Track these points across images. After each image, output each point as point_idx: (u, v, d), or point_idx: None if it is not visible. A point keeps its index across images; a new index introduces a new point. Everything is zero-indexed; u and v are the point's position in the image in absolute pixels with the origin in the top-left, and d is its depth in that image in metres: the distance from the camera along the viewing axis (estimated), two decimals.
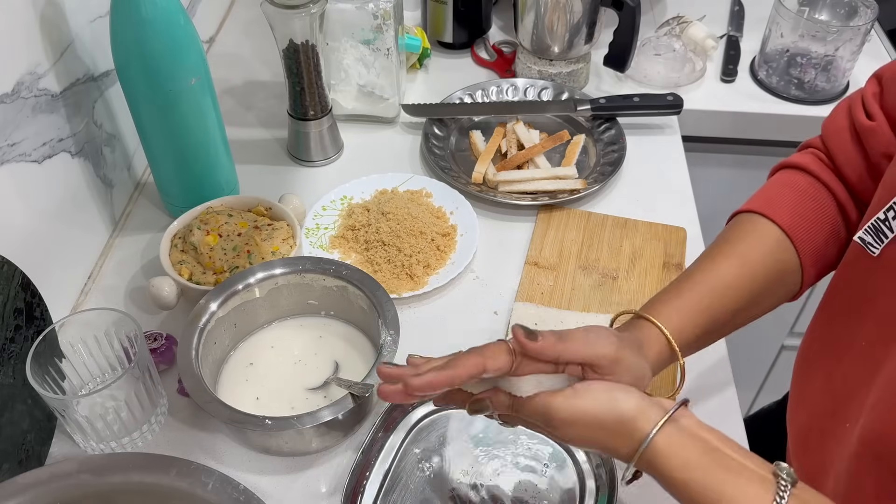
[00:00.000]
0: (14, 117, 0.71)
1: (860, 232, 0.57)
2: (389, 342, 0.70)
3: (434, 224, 0.91)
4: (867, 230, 0.56)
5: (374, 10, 0.97)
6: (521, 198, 0.95)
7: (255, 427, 0.65)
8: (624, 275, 0.88)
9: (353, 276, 0.75)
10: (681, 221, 0.94)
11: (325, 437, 0.71)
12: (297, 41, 0.90)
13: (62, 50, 0.79)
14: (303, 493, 0.69)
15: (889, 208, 0.54)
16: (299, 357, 0.77)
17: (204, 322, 0.72)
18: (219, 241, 0.80)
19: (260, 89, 1.14)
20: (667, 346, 0.61)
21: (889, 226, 0.54)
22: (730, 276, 0.64)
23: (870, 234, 0.56)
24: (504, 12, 1.29)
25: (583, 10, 1.05)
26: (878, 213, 0.55)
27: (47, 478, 0.56)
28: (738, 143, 1.17)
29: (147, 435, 0.72)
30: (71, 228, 0.83)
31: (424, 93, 1.14)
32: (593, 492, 0.68)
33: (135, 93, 0.81)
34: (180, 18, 0.77)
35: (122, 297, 0.85)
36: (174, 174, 0.89)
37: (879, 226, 0.55)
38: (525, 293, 0.85)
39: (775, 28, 1.11)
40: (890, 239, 0.54)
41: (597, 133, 1.05)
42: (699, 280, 0.64)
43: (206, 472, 0.56)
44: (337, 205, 0.95)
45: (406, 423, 0.73)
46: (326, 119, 0.99)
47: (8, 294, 0.67)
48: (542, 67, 1.12)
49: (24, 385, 0.64)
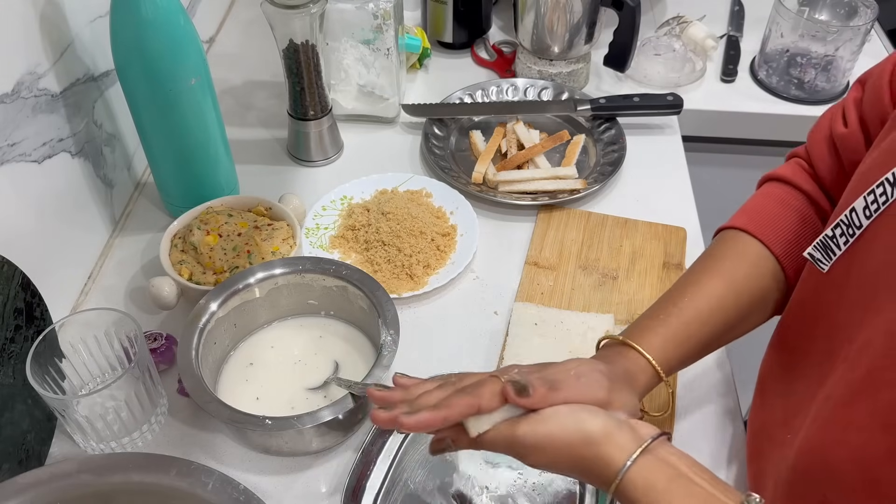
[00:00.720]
0: (14, 117, 0.71)
1: (810, 248, 0.56)
2: (389, 342, 0.70)
3: (434, 224, 0.91)
4: (816, 246, 0.56)
5: (374, 10, 0.97)
6: (521, 198, 0.95)
7: (255, 427, 0.65)
8: (624, 275, 0.88)
9: (353, 276, 0.75)
10: (681, 221, 0.94)
11: (325, 437, 0.71)
12: (297, 41, 0.90)
13: (62, 50, 0.79)
14: (303, 493, 0.69)
15: (837, 225, 0.53)
16: (299, 357, 0.77)
17: (204, 322, 0.72)
18: (219, 241, 0.80)
19: (260, 89, 1.14)
20: (654, 375, 0.60)
21: (836, 242, 0.53)
22: (714, 298, 0.63)
23: (818, 251, 0.55)
24: (504, 12, 1.29)
25: (583, 10, 1.05)
26: (827, 230, 0.54)
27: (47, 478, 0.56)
28: (738, 143, 1.17)
29: (147, 435, 0.72)
30: (71, 228, 0.83)
31: (424, 93, 1.14)
32: (593, 491, 0.68)
33: (135, 93, 0.81)
34: (180, 18, 0.77)
35: (122, 297, 0.85)
36: (174, 174, 0.89)
37: (828, 242, 0.54)
38: (525, 293, 0.85)
39: (775, 28, 1.11)
40: (837, 256, 0.54)
41: (597, 133, 1.05)
42: (685, 305, 0.63)
43: (206, 472, 0.56)
44: (337, 205, 0.95)
45: None
46: (326, 119, 0.99)
47: (8, 294, 0.67)
48: (542, 67, 1.12)
49: (24, 385, 0.64)
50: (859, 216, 0.51)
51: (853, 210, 0.52)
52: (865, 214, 0.51)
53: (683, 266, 0.88)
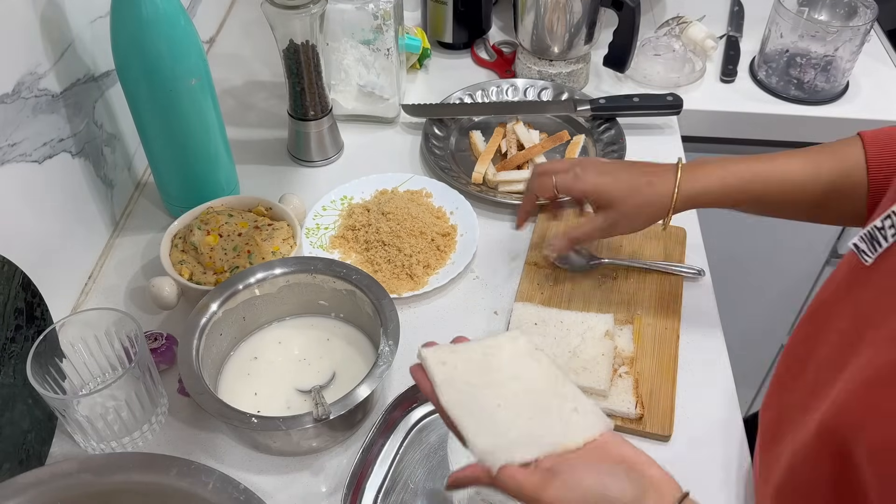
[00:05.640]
0: (14, 117, 0.71)
1: (855, 239, 0.56)
2: (387, 353, 0.70)
3: (434, 224, 0.91)
4: (863, 237, 0.55)
5: (374, 10, 0.97)
6: (521, 198, 0.95)
7: (242, 424, 0.65)
8: (624, 275, 0.88)
9: (362, 282, 0.75)
10: (681, 221, 0.93)
11: (325, 437, 0.71)
12: (297, 41, 0.90)
13: (62, 50, 0.79)
14: (303, 493, 0.69)
15: (887, 216, 0.53)
16: (303, 356, 0.77)
17: (204, 322, 0.72)
18: (219, 241, 0.80)
19: (260, 89, 1.14)
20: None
21: (884, 234, 0.53)
22: (794, 165, 0.71)
23: (865, 242, 0.55)
24: (504, 12, 1.29)
25: (583, 11, 1.05)
26: (876, 221, 0.54)
27: (48, 477, 0.56)
28: (737, 143, 1.17)
29: (147, 435, 0.72)
30: (71, 228, 0.83)
31: (424, 93, 1.14)
32: None
33: (135, 93, 0.81)
34: (180, 19, 0.77)
35: (122, 297, 0.86)
36: (174, 174, 0.89)
37: (875, 234, 0.54)
38: (525, 293, 0.85)
39: (775, 28, 1.11)
40: (883, 249, 0.53)
41: (597, 133, 1.05)
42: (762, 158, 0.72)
43: (206, 472, 0.56)
44: (337, 205, 0.95)
45: (406, 424, 0.73)
46: (326, 119, 0.99)
47: (8, 294, 0.67)
48: (542, 68, 1.12)
49: (25, 385, 0.64)
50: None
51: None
52: None
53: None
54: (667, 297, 0.85)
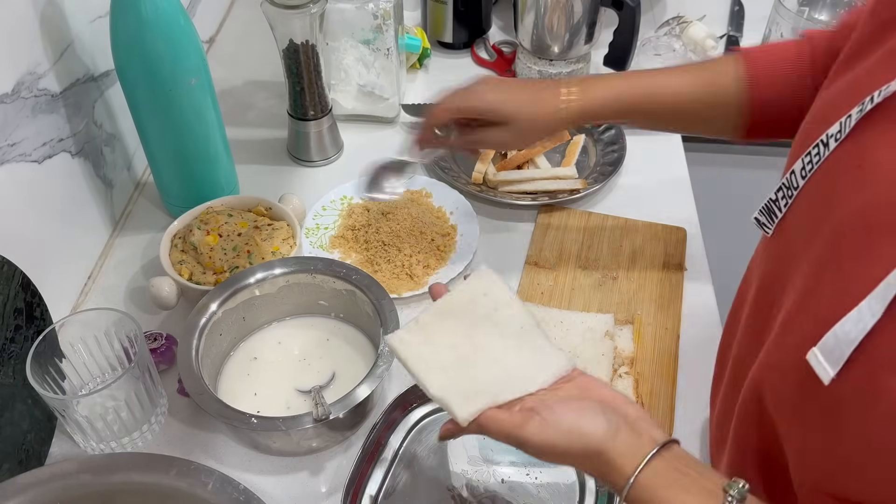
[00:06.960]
0: (14, 117, 0.71)
1: (756, 213, 0.58)
2: (387, 353, 0.69)
3: (434, 224, 0.91)
4: (761, 210, 0.57)
5: (374, 10, 0.97)
6: (521, 198, 0.95)
7: (241, 424, 0.65)
8: (624, 275, 0.88)
9: (362, 282, 0.75)
10: (681, 221, 0.94)
11: (325, 437, 0.71)
12: (297, 41, 0.90)
13: (62, 50, 0.79)
14: (303, 493, 0.69)
15: (779, 188, 0.55)
16: (303, 357, 0.77)
17: (204, 322, 0.72)
18: (219, 241, 0.80)
19: (260, 89, 1.14)
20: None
21: (778, 206, 0.55)
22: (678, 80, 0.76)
23: (763, 215, 0.57)
24: (504, 12, 1.29)
25: (583, 10, 1.05)
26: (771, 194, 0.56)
27: (47, 478, 0.56)
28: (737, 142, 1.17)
29: (147, 435, 0.72)
30: (71, 228, 0.83)
31: (424, 93, 1.14)
32: (593, 491, 0.68)
33: (135, 93, 0.81)
34: (180, 19, 0.77)
35: (122, 297, 0.85)
36: (174, 174, 0.89)
37: (771, 206, 0.56)
38: (525, 293, 0.85)
39: (775, 28, 1.11)
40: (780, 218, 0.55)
41: (597, 133, 1.05)
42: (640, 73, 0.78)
43: (206, 472, 0.56)
44: (337, 205, 0.95)
45: (406, 424, 0.73)
46: (326, 119, 0.99)
47: (8, 294, 0.67)
48: (542, 67, 1.12)
49: (25, 385, 0.64)
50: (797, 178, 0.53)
51: (792, 172, 0.53)
52: (802, 175, 0.52)
53: (683, 266, 0.88)
54: (667, 297, 0.85)
